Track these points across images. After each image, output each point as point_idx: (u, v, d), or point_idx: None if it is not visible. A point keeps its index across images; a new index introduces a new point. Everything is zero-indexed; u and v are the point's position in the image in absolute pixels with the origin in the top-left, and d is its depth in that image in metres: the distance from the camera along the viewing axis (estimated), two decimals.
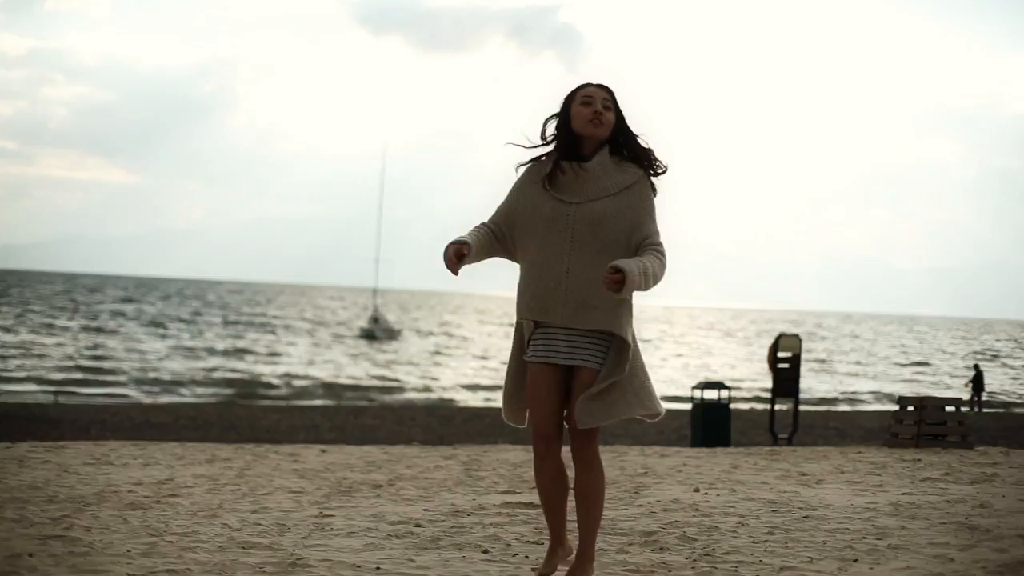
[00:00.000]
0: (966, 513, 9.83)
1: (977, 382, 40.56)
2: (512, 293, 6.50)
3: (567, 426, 6.47)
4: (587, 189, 6.35)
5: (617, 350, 6.33)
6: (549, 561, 6.82)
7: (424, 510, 9.70)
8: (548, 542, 6.96)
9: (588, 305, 6.28)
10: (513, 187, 6.56)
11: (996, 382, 64.95)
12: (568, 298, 6.28)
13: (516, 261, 6.54)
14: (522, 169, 6.56)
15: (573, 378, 6.38)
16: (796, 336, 23.73)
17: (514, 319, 6.54)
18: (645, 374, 6.42)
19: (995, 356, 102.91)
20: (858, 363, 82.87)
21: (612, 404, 6.29)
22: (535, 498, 10.65)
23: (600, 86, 6.45)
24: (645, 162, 6.44)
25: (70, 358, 52.94)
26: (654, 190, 6.44)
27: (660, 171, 6.45)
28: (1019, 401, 52.97)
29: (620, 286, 5.96)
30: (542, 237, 6.35)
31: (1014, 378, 70.69)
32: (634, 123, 6.51)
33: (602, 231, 6.30)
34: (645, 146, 6.47)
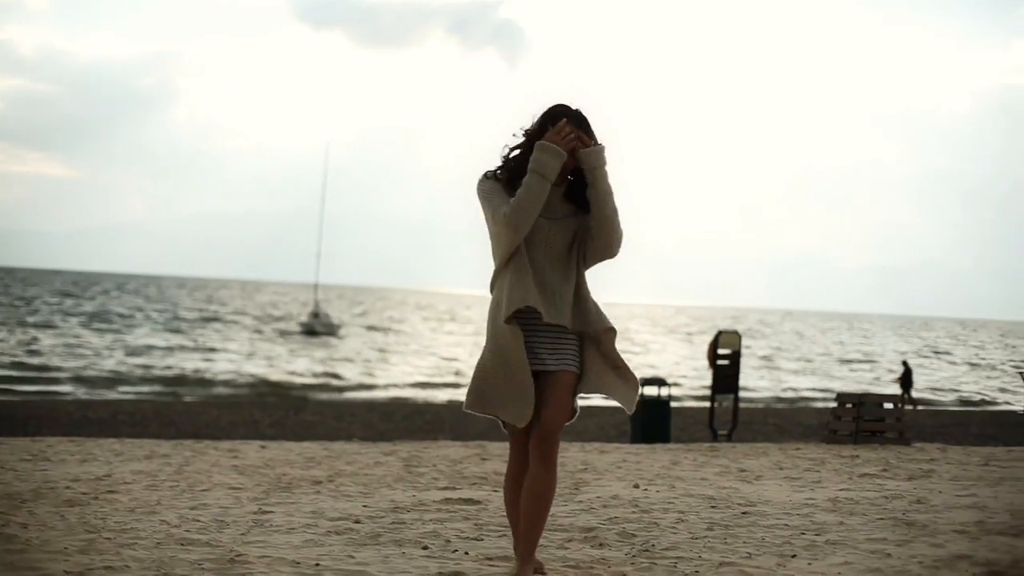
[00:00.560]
0: (903, 509, 9.90)
1: (906, 379, 40.84)
2: (456, 290, 6.53)
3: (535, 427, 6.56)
4: (561, 206, 6.63)
5: (602, 341, 6.63)
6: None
7: (364, 506, 9.68)
8: (486, 537, 6.93)
9: (565, 303, 6.59)
10: (494, 193, 6.58)
11: (937, 378, 65.45)
12: (547, 301, 6.55)
13: (507, 254, 6.58)
14: (485, 180, 6.64)
15: (548, 380, 6.54)
16: (736, 333, 23.85)
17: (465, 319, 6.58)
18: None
19: (936, 352, 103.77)
20: (798, 360, 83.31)
21: (627, 384, 6.64)
22: (475, 494, 10.65)
23: (575, 112, 6.63)
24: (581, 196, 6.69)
25: (5, 354, 52.49)
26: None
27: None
28: (959, 399, 53.40)
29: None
30: (528, 244, 6.57)
31: (950, 376, 71.28)
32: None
33: (567, 246, 6.64)
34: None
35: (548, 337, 6.55)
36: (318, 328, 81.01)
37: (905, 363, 41.91)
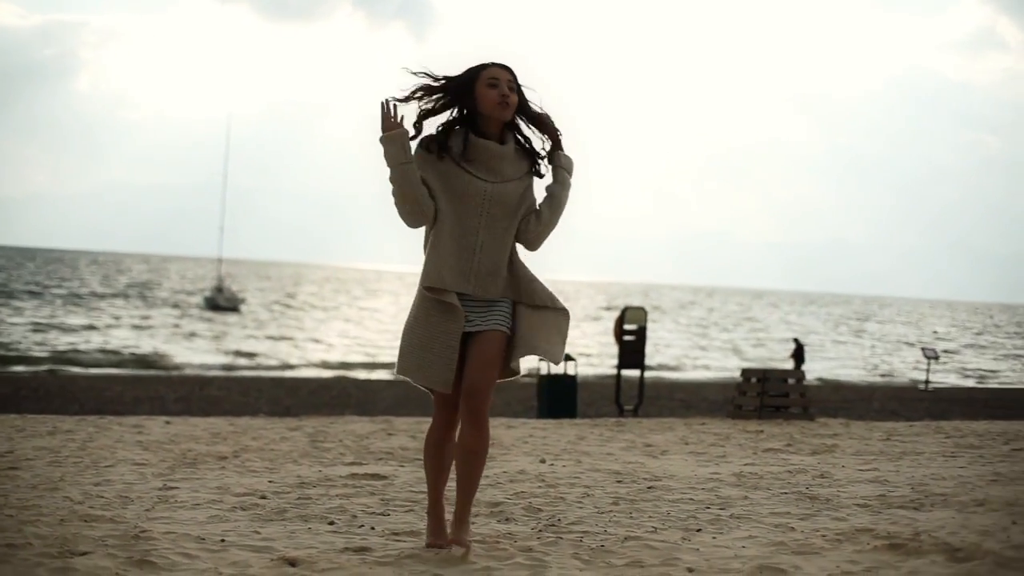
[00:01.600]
0: (807, 483, 10.00)
1: (798, 355, 41.27)
2: (369, 265, 6.50)
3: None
4: (501, 169, 6.49)
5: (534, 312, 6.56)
6: (443, 530, 6.81)
7: (270, 482, 9.64)
8: (393, 512, 6.91)
9: (499, 275, 6.49)
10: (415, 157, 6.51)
11: (840, 353, 66.18)
12: (480, 270, 6.46)
13: (424, 223, 6.52)
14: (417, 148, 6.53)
15: (475, 339, 6.48)
16: (642, 309, 23.96)
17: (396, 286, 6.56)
18: None
19: (840, 329, 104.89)
20: (704, 335, 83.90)
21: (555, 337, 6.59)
22: (381, 469, 10.64)
23: (503, 66, 6.53)
24: (532, 151, 6.61)
25: None
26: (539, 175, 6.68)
27: (539, 162, 6.64)
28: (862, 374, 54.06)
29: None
30: (458, 210, 6.45)
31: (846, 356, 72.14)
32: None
33: (511, 210, 6.50)
34: (550, 124, 6.64)
35: (476, 302, 6.49)
36: (221, 303, 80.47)
37: (797, 340, 42.34)
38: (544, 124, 6.59)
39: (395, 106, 6.43)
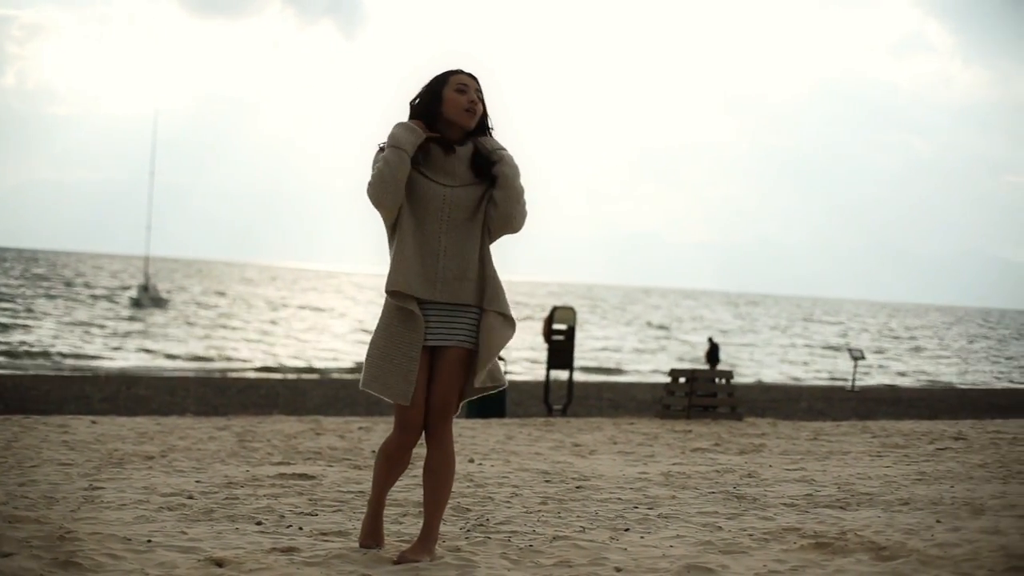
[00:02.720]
0: (734, 483, 10.06)
1: (712, 355, 41.44)
2: (302, 264, 6.46)
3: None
4: (459, 173, 6.45)
5: (493, 321, 6.45)
6: (378, 531, 6.79)
7: (197, 482, 9.59)
8: (321, 512, 6.89)
9: (465, 279, 6.41)
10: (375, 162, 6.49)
11: (767, 351, 66.57)
12: (445, 275, 6.39)
13: (389, 225, 6.51)
14: (379, 151, 6.49)
15: (439, 356, 6.43)
16: (571, 309, 24.00)
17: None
18: None
19: (771, 329, 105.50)
20: (634, 335, 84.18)
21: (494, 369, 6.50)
22: (309, 469, 10.61)
23: (471, 75, 6.53)
24: (484, 165, 6.53)
25: None
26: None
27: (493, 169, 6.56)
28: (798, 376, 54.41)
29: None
30: (419, 214, 6.40)
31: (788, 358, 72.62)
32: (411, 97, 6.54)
33: (471, 213, 6.43)
34: (487, 146, 6.56)
35: (442, 310, 6.42)
36: (146, 301, 79.89)
37: (711, 339, 42.54)
38: (484, 143, 6.55)
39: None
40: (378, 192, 6.30)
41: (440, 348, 6.42)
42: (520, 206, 6.43)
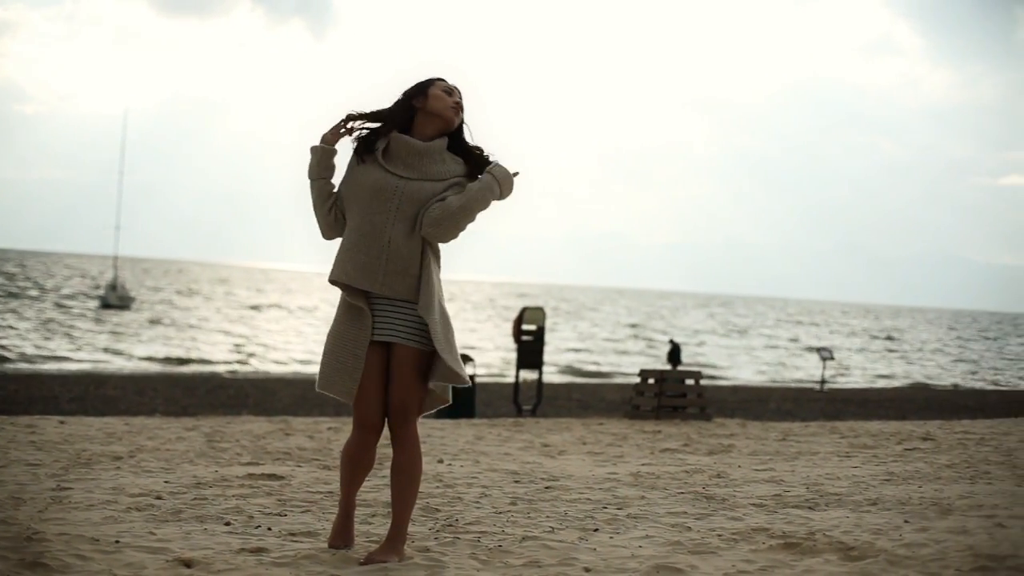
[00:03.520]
0: (703, 483, 10.08)
1: (673, 356, 41.45)
2: (272, 264, 6.47)
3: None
4: (421, 167, 6.43)
5: (436, 315, 6.40)
6: (348, 532, 6.79)
7: (165, 482, 9.55)
8: (290, 513, 6.88)
9: (408, 274, 6.36)
10: (347, 169, 6.57)
11: (732, 352, 66.71)
12: (388, 267, 6.35)
13: (331, 237, 6.59)
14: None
15: (391, 357, 6.42)
16: (540, 309, 24.01)
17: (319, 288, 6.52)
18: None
19: (739, 331, 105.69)
20: (603, 337, 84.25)
21: (450, 368, 6.42)
22: (278, 469, 10.59)
23: (455, 86, 6.60)
24: (475, 158, 6.57)
25: None
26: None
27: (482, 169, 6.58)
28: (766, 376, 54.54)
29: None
30: (367, 204, 6.38)
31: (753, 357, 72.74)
32: (382, 98, 6.59)
33: (422, 209, 6.38)
34: (477, 153, 6.61)
35: (387, 305, 6.42)
36: (113, 301, 79.56)
37: (672, 341, 42.60)
38: (470, 148, 6.58)
39: (349, 126, 6.45)
40: (316, 220, 6.54)
41: (393, 347, 6.41)
42: (464, 221, 6.39)
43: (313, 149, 6.51)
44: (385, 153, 6.46)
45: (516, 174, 6.52)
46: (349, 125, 6.50)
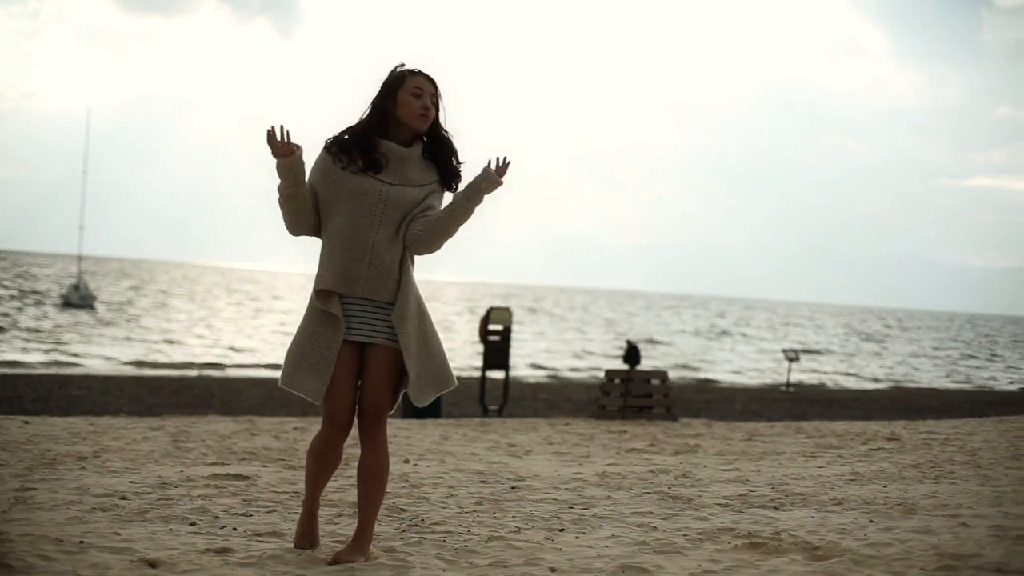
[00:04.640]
0: (669, 483, 10.10)
1: (630, 357, 41.40)
2: (240, 264, 6.44)
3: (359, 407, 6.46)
4: (403, 173, 6.42)
5: (411, 324, 6.39)
6: (313, 532, 6.78)
7: (130, 482, 9.52)
8: (255, 513, 6.86)
9: (389, 278, 6.37)
10: (314, 166, 6.47)
11: (693, 350, 66.87)
12: (370, 272, 6.35)
13: (314, 235, 6.54)
14: (322, 149, 6.50)
15: (365, 357, 6.41)
16: (507, 309, 24.00)
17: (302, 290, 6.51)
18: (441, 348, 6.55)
19: (711, 331, 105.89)
20: (568, 337, 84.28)
21: (438, 376, 6.45)
22: (244, 470, 10.56)
23: (428, 77, 6.50)
24: (447, 166, 6.53)
25: None
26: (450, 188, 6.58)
27: (454, 179, 6.55)
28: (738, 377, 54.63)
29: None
30: (350, 208, 6.36)
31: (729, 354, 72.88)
32: (348, 97, 6.56)
33: (407, 213, 6.39)
34: (453, 147, 6.57)
35: (365, 306, 6.41)
36: (76, 300, 79.17)
37: (629, 342, 42.65)
38: (445, 147, 6.54)
39: (285, 130, 6.35)
40: (288, 227, 6.49)
41: (368, 346, 6.41)
42: (446, 238, 6.42)
43: (279, 167, 6.31)
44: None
45: (507, 163, 6.49)
46: (279, 127, 6.37)
